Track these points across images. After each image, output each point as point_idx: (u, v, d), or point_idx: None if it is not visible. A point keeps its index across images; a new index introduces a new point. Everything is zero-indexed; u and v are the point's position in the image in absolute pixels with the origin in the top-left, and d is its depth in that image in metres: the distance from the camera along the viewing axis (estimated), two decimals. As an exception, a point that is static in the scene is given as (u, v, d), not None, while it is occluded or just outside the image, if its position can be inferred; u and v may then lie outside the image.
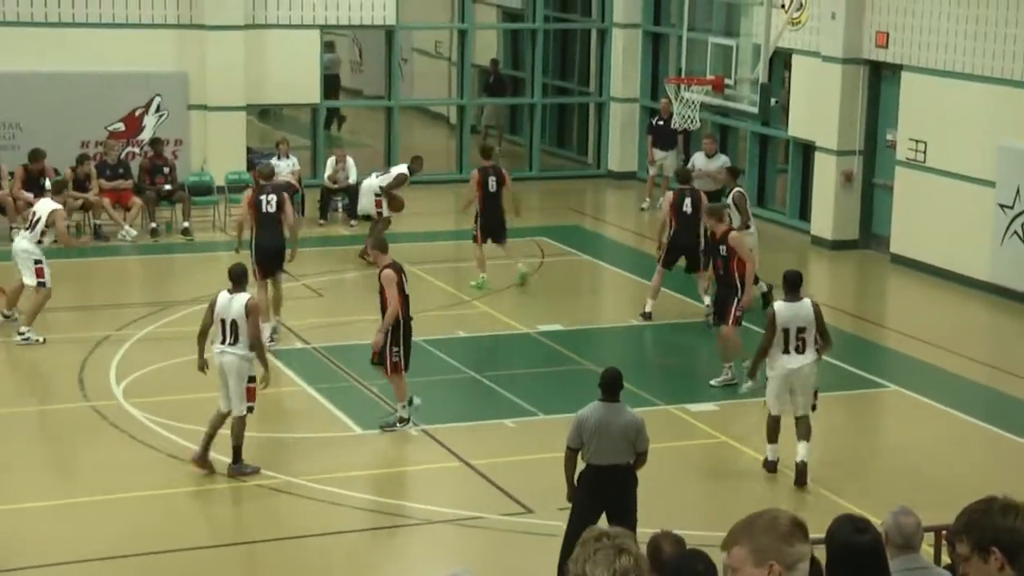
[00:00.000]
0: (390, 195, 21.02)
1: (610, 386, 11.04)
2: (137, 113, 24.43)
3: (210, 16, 24.50)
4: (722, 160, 21.99)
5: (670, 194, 18.74)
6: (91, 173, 22.50)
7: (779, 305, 13.59)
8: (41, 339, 17.27)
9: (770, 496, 13.09)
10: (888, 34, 22.16)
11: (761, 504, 12.29)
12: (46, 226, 17.40)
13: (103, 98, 24.08)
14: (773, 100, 22.03)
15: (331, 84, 32.32)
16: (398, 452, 14.32)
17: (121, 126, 24.32)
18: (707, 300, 18.08)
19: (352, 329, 18.11)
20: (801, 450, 13.34)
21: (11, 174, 22.14)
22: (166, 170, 23.23)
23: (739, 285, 15.86)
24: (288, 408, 15.47)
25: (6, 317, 17.94)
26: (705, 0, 23.49)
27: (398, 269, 14.71)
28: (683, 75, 22.97)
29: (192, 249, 21.96)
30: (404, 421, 14.67)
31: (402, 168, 21.60)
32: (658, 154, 25.26)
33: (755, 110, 21.14)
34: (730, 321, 15.90)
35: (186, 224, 22.86)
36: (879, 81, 22.77)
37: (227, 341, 13.33)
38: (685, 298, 19.36)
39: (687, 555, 6.54)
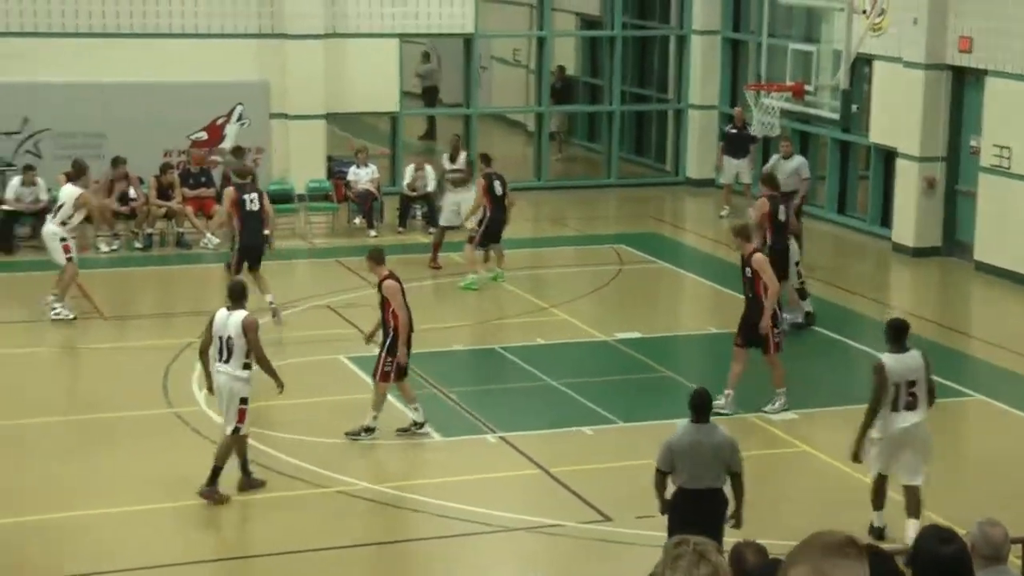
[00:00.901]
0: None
1: (700, 407, 10.73)
2: (219, 122, 24.66)
3: (291, 25, 24.69)
4: (798, 162, 21.77)
5: (763, 202, 18.28)
6: (174, 182, 22.73)
7: (888, 359, 12.12)
8: (72, 315, 18.27)
9: (851, 505, 12.95)
10: (971, 39, 21.88)
11: (843, 511, 12.21)
12: (73, 210, 18.53)
13: (186, 107, 24.33)
14: (854, 106, 21.86)
15: (430, 95, 32.56)
16: (477, 459, 14.31)
17: (203, 135, 24.56)
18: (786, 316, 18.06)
19: (431, 336, 18.13)
20: (911, 531, 11.51)
21: (97, 182, 22.40)
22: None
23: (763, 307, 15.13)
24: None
25: (56, 313, 18.61)
26: (785, 6, 23.36)
27: (398, 279, 14.62)
28: (762, 81, 22.88)
29: (272, 257, 22.05)
30: (370, 431, 14.47)
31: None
32: (731, 162, 25.09)
33: (836, 116, 21.02)
34: (771, 349, 15.32)
35: (266, 232, 22.95)
36: (962, 86, 22.49)
37: (222, 359, 12.99)
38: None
39: (770, 565, 6.47)
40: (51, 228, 18.65)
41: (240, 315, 13.00)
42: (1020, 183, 21.04)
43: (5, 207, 21.85)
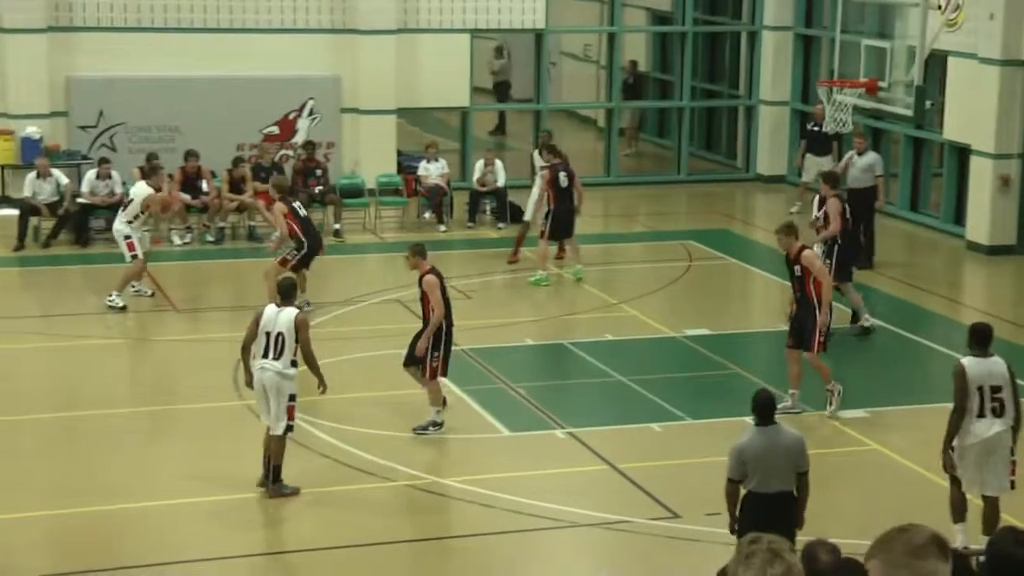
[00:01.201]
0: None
1: (763, 410, 10.59)
2: (291, 116, 24.81)
3: (363, 21, 24.79)
4: (872, 158, 21.55)
5: (836, 201, 18.07)
6: (246, 175, 22.89)
7: (968, 361, 11.70)
8: (121, 304, 18.66)
9: (923, 503, 12.83)
10: (1048, 35, 21.62)
11: (914, 510, 12.07)
12: (139, 210, 18.82)
13: (258, 102, 24.51)
14: (928, 103, 21.64)
15: (502, 91, 32.71)
16: (545, 455, 14.30)
17: (275, 129, 24.73)
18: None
19: (500, 331, 18.19)
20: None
21: (170, 176, 22.62)
22: (319, 172, 23.53)
23: (816, 306, 14.90)
24: (437, 409, 15.55)
25: (135, 291, 19.21)
26: (858, 2, 23.17)
27: (438, 274, 14.59)
28: (835, 77, 22.70)
29: (343, 251, 22.21)
30: (437, 425, 14.51)
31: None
32: (813, 160, 24.83)
33: (910, 113, 20.83)
34: (815, 348, 14.92)
35: (337, 226, 23.14)
36: (1039, 83, 22.23)
37: (270, 356, 12.84)
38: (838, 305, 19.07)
39: (842, 564, 6.43)
40: (118, 226, 18.98)
41: (291, 312, 12.92)
42: (1097, 181, 20.78)
43: (81, 200, 22.10)
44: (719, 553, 10.78)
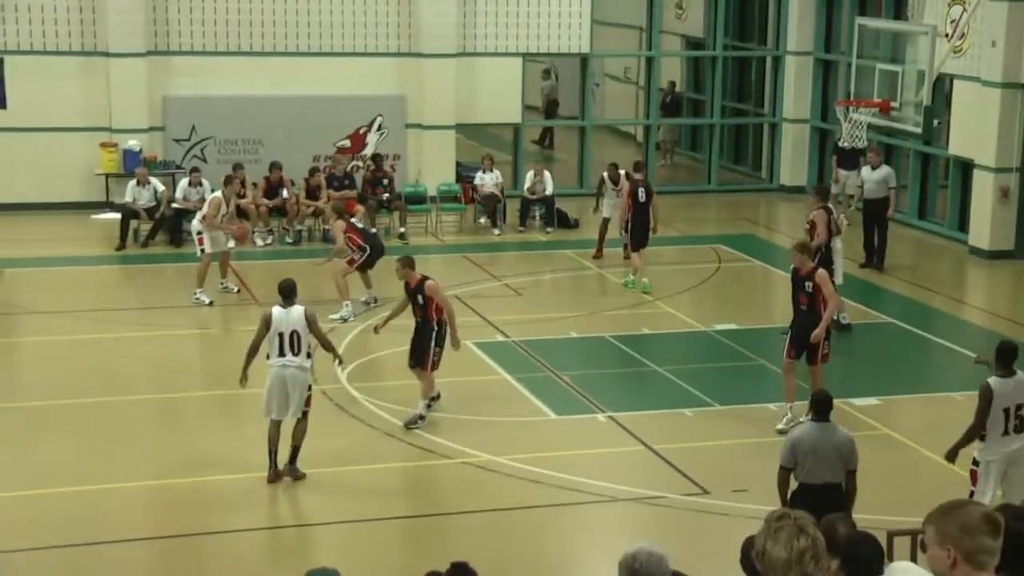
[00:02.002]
0: None
1: (822, 407, 10.47)
2: (361, 131, 24.90)
3: (427, 46, 24.85)
4: (886, 172, 21.37)
5: (822, 213, 17.95)
6: (321, 184, 23.00)
7: (995, 382, 11.02)
8: (208, 301, 18.71)
9: (930, 483, 12.76)
10: (1046, 60, 21.42)
11: (920, 489, 12.01)
12: (207, 209, 19.08)
13: (332, 118, 24.62)
14: (935, 121, 21.47)
15: (550, 108, 32.84)
16: (588, 436, 14.31)
17: (347, 142, 24.83)
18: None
19: (547, 325, 18.21)
20: None
21: (255, 184, 22.78)
22: (385, 181, 23.60)
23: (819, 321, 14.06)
24: (491, 395, 15.56)
25: (223, 287, 19.33)
26: (872, 30, 23.01)
27: (431, 278, 14.31)
28: (851, 98, 22.55)
29: (407, 252, 22.23)
30: (423, 418, 14.15)
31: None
32: (842, 174, 24.71)
33: (919, 130, 20.63)
34: (818, 360, 14.23)
35: (402, 229, 23.21)
36: (1036, 104, 22.03)
37: (289, 353, 12.55)
38: (848, 300, 18.99)
39: (858, 536, 6.42)
40: (194, 223, 19.41)
41: (299, 309, 12.67)
42: (1089, 193, 20.57)
43: (175, 205, 22.28)
44: (744, 526, 10.76)
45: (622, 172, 21.53)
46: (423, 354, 14.19)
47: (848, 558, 6.11)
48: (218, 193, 19.33)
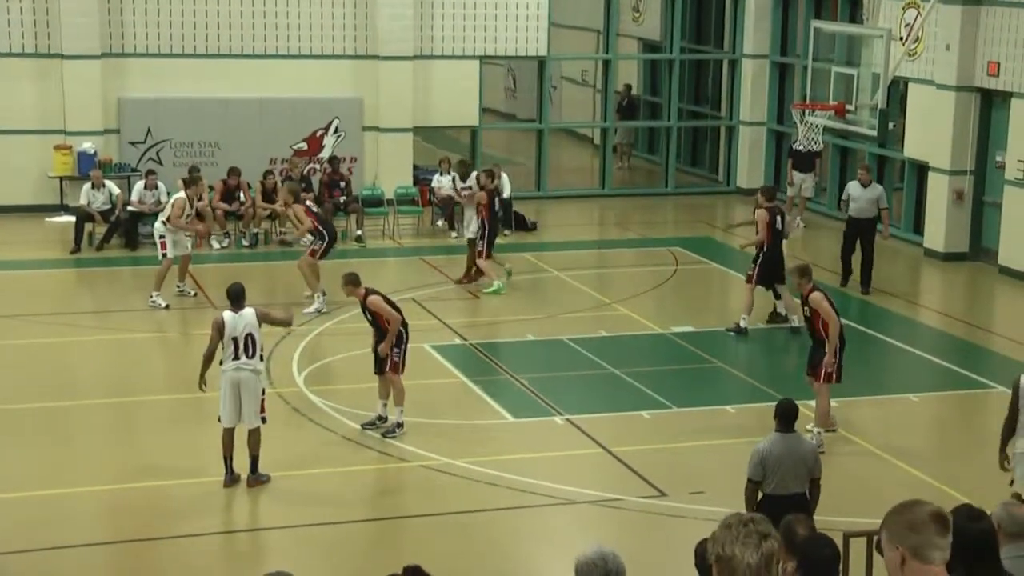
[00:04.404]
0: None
1: (787, 417, 10.33)
2: (318, 134, 24.81)
3: (384, 48, 24.80)
4: (878, 191, 20.36)
5: (763, 213, 17.96)
6: (278, 187, 22.87)
7: None
8: (164, 304, 18.62)
9: (884, 481, 12.83)
10: (999, 64, 21.61)
11: (875, 487, 12.07)
12: (170, 211, 18.98)
13: (289, 120, 24.53)
14: (890, 124, 21.62)
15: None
16: (546, 439, 14.30)
17: (304, 145, 24.74)
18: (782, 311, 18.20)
19: (505, 328, 18.20)
20: None
21: (211, 188, 22.64)
22: (342, 184, 23.54)
23: (826, 343, 13.86)
24: (448, 398, 15.54)
25: (180, 291, 19.28)
26: (828, 33, 23.16)
27: (376, 292, 14.12)
28: (808, 101, 22.69)
29: (364, 255, 22.21)
30: (400, 426, 13.97)
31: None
32: (797, 176, 24.86)
33: (874, 133, 20.78)
34: (820, 378, 13.94)
35: (359, 232, 23.15)
36: (990, 107, 22.21)
37: (243, 356, 12.43)
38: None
39: (816, 538, 6.44)
40: (156, 225, 19.30)
41: (250, 311, 12.56)
42: (1042, 195, 20.77)
43: (130, 208, 22.12)
44: (701, 528, 10.76)
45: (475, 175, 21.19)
46: (385, 359, 14.05)
47: (805, 559, 6.13)
48: (181, 194, 19.22)
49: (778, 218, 18.15)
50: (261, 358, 12.71)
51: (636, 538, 11.88)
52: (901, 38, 22.30)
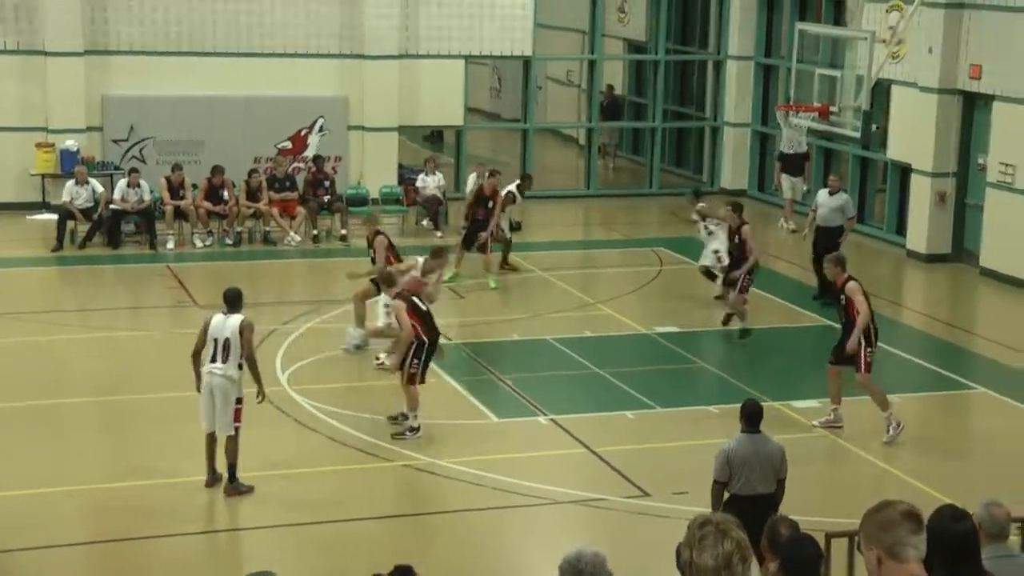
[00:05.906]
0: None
1: (752, 417, 10.36)
2: (303, 133, 24.80)
3: (369, 47, 24.80)
4: (843, 199, 20.09)
5: (749, 228, 18.12)
6: (262, 185, 22.87)
7: None
8: None
9: (863, 480, 12.89)
10: (981, 67, 21.70)
11: (854, 486, 12.11)
12: None
13: (274, 119, 24.51)
14: (874, 126, 21.70)
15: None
16: (530, 439, 14.33)
17: (288, 144, 24.71)
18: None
19: (490, 328, 18.22)
20: None
21: (195, 186, 22.62)
22: (327, 183, 23.52)
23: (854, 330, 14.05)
24: (433, 398, 15.52)
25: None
26: (812, 35, 23.24)
27: (406, 298, 14.13)
28: (792, 103, 22.77)
29: (348, 254, 22.19)
30: (414, 430, 14.03)
31: (510, 187, 21.60)
32: (786, 180, 24.86)
33: (857, 135, 20.87)
34: (862, 368, 14.20)
35: (343, 231, 23.15)
36: (972, 109, 22.31)
37: (217, 360, 12.35)
38: (790, 305, 19.14)
39: (798, 538, 6.47)
40: None
41: (238, 318, 12.52)
42: (1023, 197, 20.85)
43: (113, 206, 22.08)
44: (684, 528, 10.80)
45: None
46: (402, 366, 14.00)
47: (788, 559, 6.16)
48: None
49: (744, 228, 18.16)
50: (241, 367, 12.55)
51: (619, 538, 11.90)
52: (884, 40, 22.39)
